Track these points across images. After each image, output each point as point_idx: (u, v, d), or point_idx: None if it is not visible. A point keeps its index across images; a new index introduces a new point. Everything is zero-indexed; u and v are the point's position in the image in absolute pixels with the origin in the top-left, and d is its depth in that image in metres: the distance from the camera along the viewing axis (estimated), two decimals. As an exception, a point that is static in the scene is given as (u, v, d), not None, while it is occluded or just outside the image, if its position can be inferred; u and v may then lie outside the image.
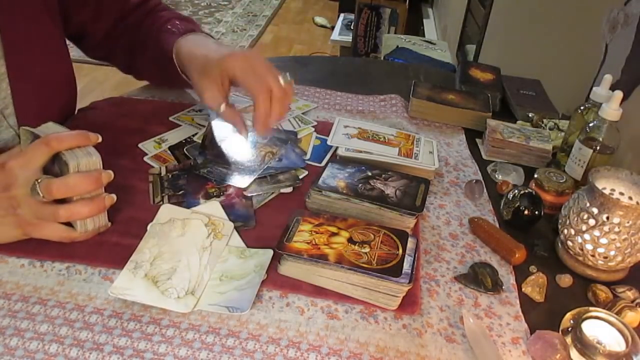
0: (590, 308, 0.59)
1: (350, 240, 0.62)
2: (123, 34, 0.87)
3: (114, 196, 0.62)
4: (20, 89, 0.72)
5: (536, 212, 0.72)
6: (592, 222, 0.64)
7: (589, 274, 0.67)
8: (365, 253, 0.59)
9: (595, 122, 0.78)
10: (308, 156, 0.84)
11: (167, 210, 0.67)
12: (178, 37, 0.79)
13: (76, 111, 0.90)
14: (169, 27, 0.84)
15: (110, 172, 0.60)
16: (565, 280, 0.66)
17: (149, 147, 0.81)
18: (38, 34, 0.74)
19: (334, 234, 0.62)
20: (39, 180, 0.57)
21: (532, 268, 0.67)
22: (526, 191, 0.73)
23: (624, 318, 0.59)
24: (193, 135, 0.84)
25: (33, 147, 0.58)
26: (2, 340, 0.51)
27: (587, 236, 0.64)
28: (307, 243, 0.61)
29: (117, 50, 0.89)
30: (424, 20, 3.51)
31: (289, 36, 3.98)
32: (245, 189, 0.73)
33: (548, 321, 0.60)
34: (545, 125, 0.97)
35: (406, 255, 0.61)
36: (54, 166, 0.60)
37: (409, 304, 0.59)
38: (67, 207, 0.58)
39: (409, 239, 0.63)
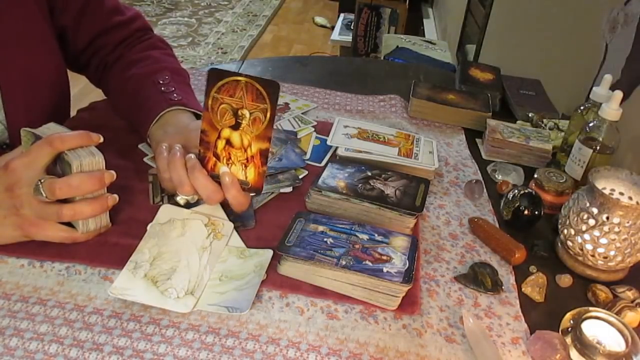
0: (590, 308, 0.59)
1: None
2: (100, 50, 0.84)
3: (116, 196, 0.62)
4: (8, 83, 0.71)
5: (536, 212, 0.72)
6: (592, 222, 0.64)
7: (589, 274, 0.67)
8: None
9: (595, 122, 0.78)
10: (308, 156, 0.84)
11: (167, 211, 0.67)
12: (166, 107, 0.73)
13: (76, 111, 0.90)
14: (160, 81, 0.77)
15: (113, 172, 0.60)
16: (565, 280, 0.66)
17: (148, 147, 0.80)
18: (26, 27, 0.73)
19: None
20: (42, 181, 0.57)
21: (532, 268, 0.67)
22: (526, 191, 0.73)
23: (623, 318, 0.59)
24: (193, 136, 0.84)
25: (36, 147, 0.58)
26: (1, 340, 0.51)
27: (587, 236, 0.64)
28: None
29: (91, 65, 0.86)
30: (424, 20, 3.51)
31: (289, 36, 3.97)
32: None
33: (548, 321, 0.60)
34: (545, 125, 0.97)
35: (401, 255, 0.61)
36: (56, 167, 0.60)
37: (409, 304, 0.59)
38: (71, 207, 0.58)
39: (409, 239, 0.63)
